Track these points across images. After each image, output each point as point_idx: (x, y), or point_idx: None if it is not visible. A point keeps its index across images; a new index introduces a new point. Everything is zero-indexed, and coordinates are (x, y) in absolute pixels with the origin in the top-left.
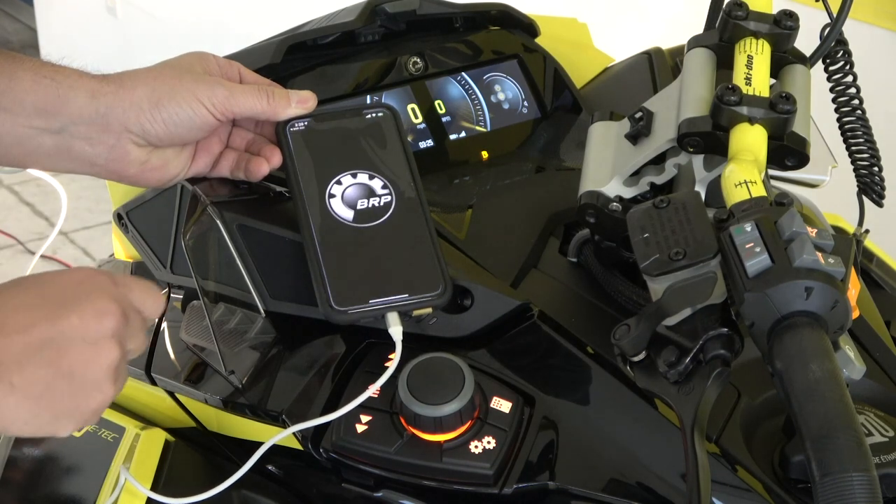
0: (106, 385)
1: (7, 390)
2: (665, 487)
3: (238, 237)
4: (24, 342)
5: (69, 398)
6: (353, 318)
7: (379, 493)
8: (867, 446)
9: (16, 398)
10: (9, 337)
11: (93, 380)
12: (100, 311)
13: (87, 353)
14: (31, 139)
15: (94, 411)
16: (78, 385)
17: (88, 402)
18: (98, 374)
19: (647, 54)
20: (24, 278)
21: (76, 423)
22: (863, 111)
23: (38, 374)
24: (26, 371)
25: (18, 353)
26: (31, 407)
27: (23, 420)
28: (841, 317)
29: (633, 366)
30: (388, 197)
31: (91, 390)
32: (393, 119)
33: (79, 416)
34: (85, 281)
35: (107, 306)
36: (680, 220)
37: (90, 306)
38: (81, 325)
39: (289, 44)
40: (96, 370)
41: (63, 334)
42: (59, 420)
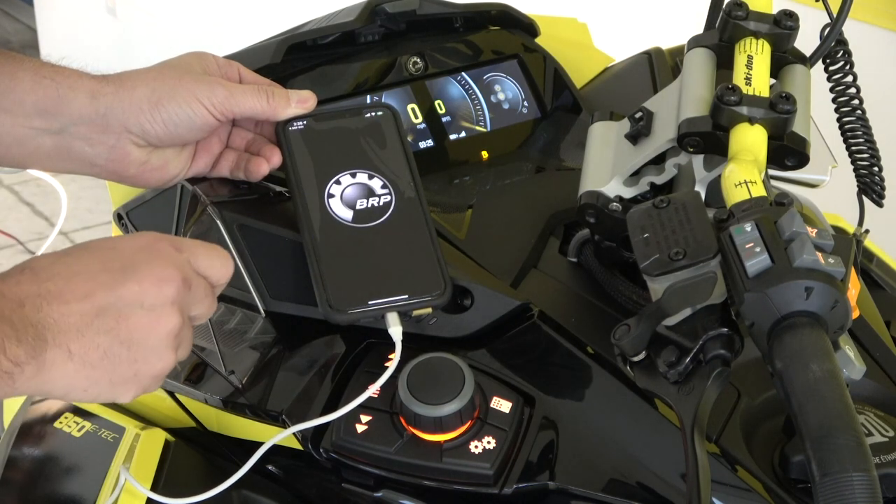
0: (166, 352)
1: (65, 357)
2: (665, 487)
3: (238, 237)
4: (83, 310)
5: (128, 365)
6: (352, 319)
7: (379, 493)
8: (867, 446)
9: (74, 365)
10: (67, 304)
11: (152, 347)
12: (160, 277)
13: (146, 320)
14: (31, 139)
15: (154, 378)
16: (137, 352)
17: (148, 369)
18: (157, 342)
19: (647, 54)
20: (86, 243)
21: (135, 389)
22: (863, 111)
23: (96, 342)
24: (85, 338)
25: (77, 321)
26: (90, 374)
27: (81, 387)
28: (841, 317)
29: (633, 366)
30: (388, 197)
31: (150, 357)
32: (393, 119)
33: (137, 382)
34: (146, 247)
35: (167, 273)
36: (680, 220)
37: (150, 273)
38: (141, 291)
39: (289, 44)
40: (155, 337)
41: (122, 301)
42: (117, 387)
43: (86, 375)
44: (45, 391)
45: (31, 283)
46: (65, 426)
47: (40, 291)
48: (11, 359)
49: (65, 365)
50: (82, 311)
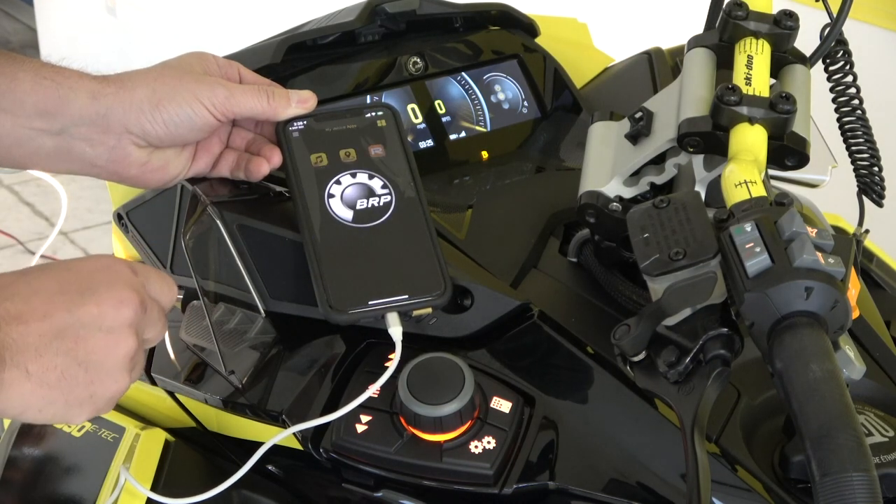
0: (121, 374)
1: (23, 377)
2: (665, 487)
3: (238, 237)
4: (42, 330)
5: (84, 387)
6: (352, 319)
7: (379, 493)
8: (867, 446)
9: (31, 385)
10: (26, 324)
11: (108, 369)
12: (118, 300)
13: (104, 342)
14: (31, 140)
15: (109, 400)
16: (93, 374)
17: (103, 391)
18: (114, 364)
19: (647, 54)
20: (45, 264)
21: (89, 411)
22: (863, 111)
23: (54, 362)
24: (43, 359)
25: (36, 341)
26: (46, 394)
27: (37, 407)
28: (841, 317)
29: (633, 366)
30: (388, 197)
31: (106, 379)
32: (393, 119)
33: (92, 404)
34: (105, 269)
35: (125, 295)
36: (680, 220)
37: (109, 295)
38: (99, 313)
39: (289, 44)
40: (112, 359)
41: (81, 322)
42: (72, 408)
43: (42, 395)
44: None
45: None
46: (65, 426)
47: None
48: None
49: (22, 385)
50: (41, 331)
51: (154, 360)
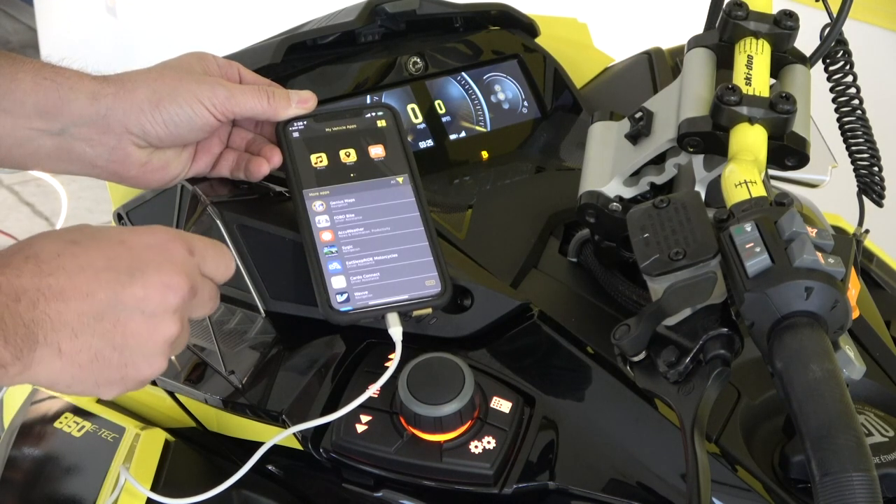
0: (157, 359)
1: (54, 354)
2: (665, 487)
3: (238, 237)
4: (82, 309)
5: (116, 369)
6: (352, 319)
7: (379, 493)
8: (867, 446)
9: (62, 363)
10: (66, 302)
11: (144, 353)
12: (167, 284)
13: (145, 326)
14: (31, 141)
15: (140, 382)
16: (128, 357)
17: (135, 374)
18: (151, 349)
19: (647, 54)
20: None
21: (119, 390)
22: (863, 111)
23: (89, 343)
24: (78, 339)
25: (73, 320)
26: (76, 373)
27: (65, 383)
28: (841, 317)
29: (633, 366)
30: (388, 197)
31: (140, 363)
32: (393, 119)
33: (123, 385)
34: (159, 247)
35: (174, 280)
36: (680, 220)
37: (158, 278)
38: (145, 296)
39: (289, 44)
40: (150, 344)
41: (123, 304)
42: (101, 387)
43: (72, 374)
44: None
45: (33, 276)
46: (65, 426)
47: (40, 286)
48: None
49: (52, 362)
50: (81, 310)
51: None
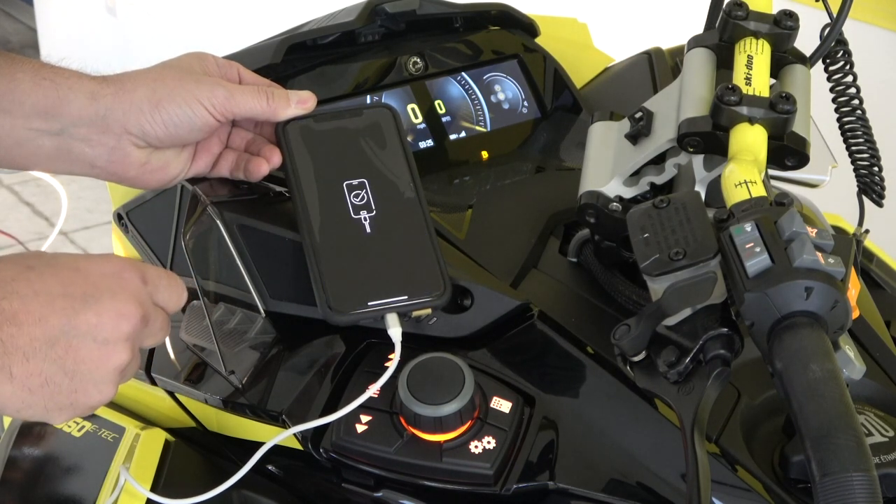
0: (107, 386)
1: (6, 378)
2: (665, 487)
3: (238, 237)
4: (35, 334)
5: (66, 395)
6: (352, 320)
7: (379, 493)
8: (867, 446)
9: (12, 387)
10: (20, 326)
11: (95, 379)
12: (120, 312)
13: (97, 353)
14: (30, 141)
15: (89, 408)
16: (78, 383)
17: (85, 400)
18: (101, 375)
19: (647, 54)
20: (54, 259)
21: (67, 416)
22: (863, 111)
23: (40, 368)
24: (30, 364)
25: (26, 345)
26: (26, 398)
27: (14, 408)
28: (841, 317)
29: (633, 366)
30: (388, 198)
31: (91, 389)
32: (393, 119)
33: (72, 410)
34: (113, 276)
35: (128, 309)
36: (680, 220)
37: (111, 305)
38: (98, 323)
39: (289, 44)
40: (101, 371)
41: (76, 330)
42: (51, 412)
43: (21, 399)
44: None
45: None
46: (65, 426)
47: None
48: None
49: (3, 386)
50: (34, 335)
51: (154, 360)
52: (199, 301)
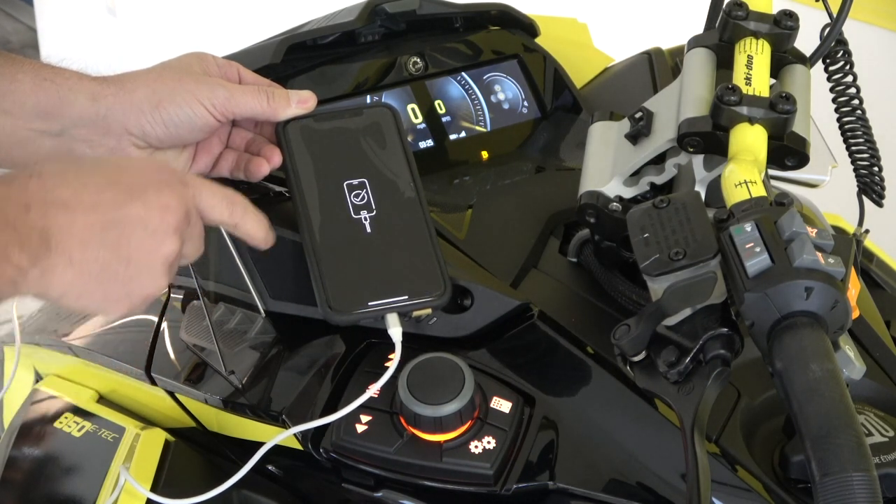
0: (160, 275)
1: (66, 264)
2: (665, 487)
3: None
4: (89, 221)
5: (123, 283)
6: (352, 320)
7: (379, 493)
8: (867, 446)
9: (73, 274)
10: (73, 213)
11: (148, 268)
12: (164, 205)
13: (148, 242)
14: (31, 141)
15: (144, 299)
16: (134, 271)
17: (140, 289)
18: (154, 264)
19: (647, 54)
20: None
21: (124, 307)
22: (863, 111)
23: (98, 254)
24: (88, 249)
25: (82, 231)
26: (86, 284)
27: (74, 295)
28: (841, 317)
29: (633, 366)
30: (388, 198)
31: (145, 278)
32: (393, 118)
33: (128, 301)
34: (156, 171)
35: (172, 202)
36: (680, 220)
37: (156, 198)
38: (146, 215)
39: (289, 44)
40: (154, 259)
41: (127, 219)
42: (109, 302)
43: (82, 285)
44: (43, 294)
45: (39, 189)
46: (65, 426)
47: (47, 198)
48: (15, 264)
49: (65, 272)
50: (88, 222)
51: (154, 360)
52: (199, 301)
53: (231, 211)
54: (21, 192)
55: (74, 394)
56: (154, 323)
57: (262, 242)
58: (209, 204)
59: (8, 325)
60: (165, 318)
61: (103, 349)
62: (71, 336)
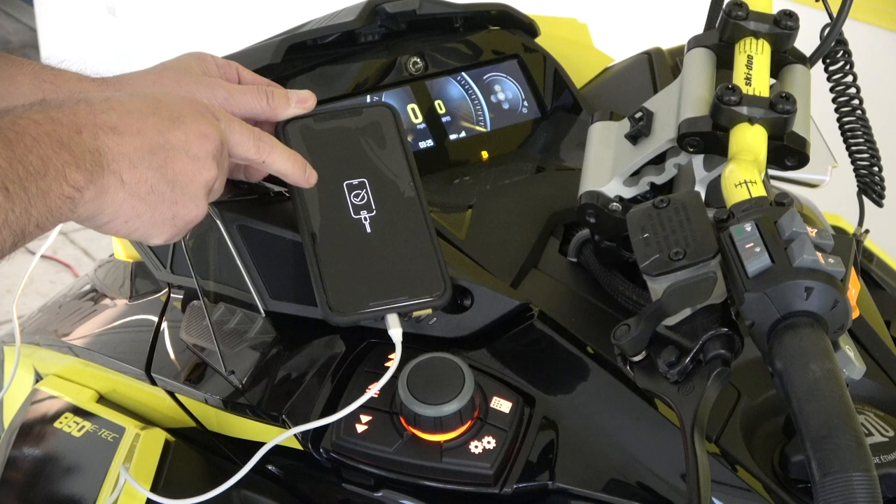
0: (201, 200)
1: (118, 184)
2: (665, 487)
3: (238, 237)
4: (136, 144)
5: (169, 205)
6: (352, 321)
7: (379, 493)
8: (867, 446)
9: (124, 194)
10: (122, 136)
11: (192, 192)
12: (203, 133)
13: (191, 166)
14: None
15: (187, 223)
16: (179, 194)
17: (185, 213)
18: (197, 188)
19: (647, 54)
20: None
21: (169, 233)
22: (863, 111)
23: (146, 175)
24: (137, 170)
25: (130, 153)
26: (136, 205)
27: (125, 217)
28: (841, 317)
29: (633, 366)
30: (388, 198)
31: (189, 202)
32: (392, 118)
33: (173, 226)
34: (191, 104)
35: (209, 130)
36: (680, 220)
37: (195, 126)
38: (187, 140)
39: (289, 44)
40: (196, 183)
41: (170, 144)
42: (156, 225)
43: (132, 206)
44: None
45: (88, 114)
46: (65, 426)
47: (97, 121)
48: (73, 184)
49: (117, 192)
50: (135, 144)
51: (154, 360)
52: (199, 301)
53: (258, 147)
54: (72, 116)
55: (74, 394)
56: (154, 323)
57: (300, 180)
58: (236, 140)
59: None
60: (165, 318)
61: (103, 349)
62: (71, 336)
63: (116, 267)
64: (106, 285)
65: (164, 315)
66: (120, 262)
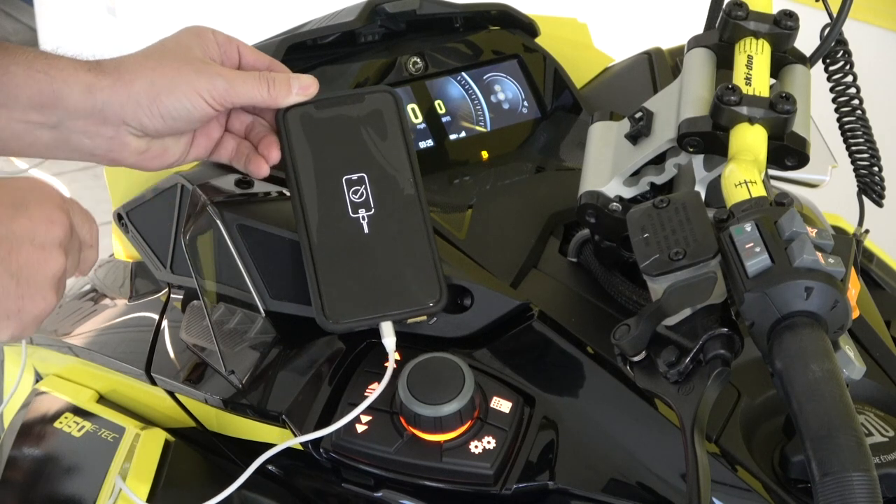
0: (49, 292)
1: None
2: (665, 487)
3: (238, 237)
4: None
5: (14, 300)
6: (347, 328)
7: (379, 493)
8: (867, 446)
9: None
10: None
11: (38, 284)
12: (49, 218)
13: (36, 256)
14: (28, 133)
15: (35, 318)
16: (24, 288)
17: (31, 307)
18: (44, 280)
19: (647, 54)
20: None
21: (15, 328)
22: (863, 111)
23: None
24: None
25: None
26: None
27: None
28: (841, 317)
29: (633, 366)
30: (387, 195)
31: (35, 295)
32: (395, 104)
33: (19, 320)
34: (36, 189)
35: (56, 215)
36: (680, 220)
37: (40, 212)
38: (31, 227)
39: (289, 44)
40: (43, 275)
41: (14, 234)
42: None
43: None
44: None
45: None
46: (65, 426)
47: None
48: None
49: None
50: None
51: (154, 360)
52: (199, 301)
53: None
54: None
55: (74, 394)
56: (154, 323)
57: None
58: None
59: None
60: (165, 318)
61: (103, 349)
62: (71, 336)
63: (116, 267)
64: (106, 285)
65: (164, 315)
66: (120, 262)
